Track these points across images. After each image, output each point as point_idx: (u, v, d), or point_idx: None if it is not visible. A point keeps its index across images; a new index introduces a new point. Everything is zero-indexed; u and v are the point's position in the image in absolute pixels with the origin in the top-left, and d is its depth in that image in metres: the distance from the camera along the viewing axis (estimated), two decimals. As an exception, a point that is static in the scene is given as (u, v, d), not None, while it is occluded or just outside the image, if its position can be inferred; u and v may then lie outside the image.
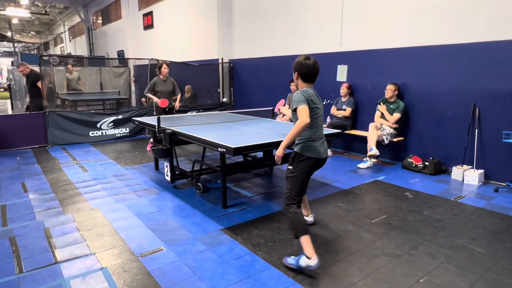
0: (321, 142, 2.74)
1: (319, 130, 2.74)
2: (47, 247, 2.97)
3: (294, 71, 2.72)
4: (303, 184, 2.76)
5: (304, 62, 2.67)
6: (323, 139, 2.78)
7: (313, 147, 2.69)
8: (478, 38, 4.67)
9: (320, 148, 2.72)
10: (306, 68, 2.66)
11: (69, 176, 5.02)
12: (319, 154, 2.71)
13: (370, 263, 2.72)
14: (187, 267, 2.66)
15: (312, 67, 2.67)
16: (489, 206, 3.87)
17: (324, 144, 2.78)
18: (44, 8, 21.05)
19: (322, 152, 2.73)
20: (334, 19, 6.51)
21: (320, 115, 2.74)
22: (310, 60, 2.68)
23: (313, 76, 2.69)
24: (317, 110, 2.68)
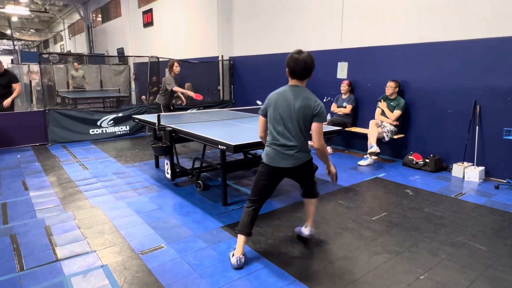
0: (278, 150, 2.50)
1: (275, 135, 2.51)
2: (48, 244, 2.98)
3: (286, 66, 2.53)
4: (259, 187, 2.63)
5: (293, 57, 2.44)
6: (284, 147, 2.49)
7: (267, 152, 2.57)
8: (479, 35, 4.65)
9: (273, 155, 2.51)
10: (293, 63, 2.43)
11: (70, 174, 5.02)
12: (271, 161, 2.53)
13: (370, 260, 2.72)
14: (188, 265, 2.66)
15: (300, 63, 2.41)
16: (490, 203, 3.86)
17: (286, 152, 2.49)
18: (44, 6, 21.00)
19: (274, 159, 2.51)
20: (334, 16, 6.49)
21: (278, 118, 2.47)
22: (299, 54, 2.43)
23: (300, 72, 2.44)
24: (273, 114, 2.49)
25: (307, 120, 2.46)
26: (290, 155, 2.50)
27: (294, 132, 2.47)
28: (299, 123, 2.46)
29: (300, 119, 2.45)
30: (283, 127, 2.47)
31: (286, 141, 2.48)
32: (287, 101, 2.47)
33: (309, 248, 2.91)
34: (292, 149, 2.49)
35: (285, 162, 2.51)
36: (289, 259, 2.73)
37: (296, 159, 2.51)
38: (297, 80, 2.51)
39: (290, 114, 2.45)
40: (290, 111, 2.45)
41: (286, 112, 2.46)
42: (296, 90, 2.49)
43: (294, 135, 2.47)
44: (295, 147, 2.49)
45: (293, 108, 2.44)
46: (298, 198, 4.05)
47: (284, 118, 2.46)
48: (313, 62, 2.47)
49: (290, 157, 2.50)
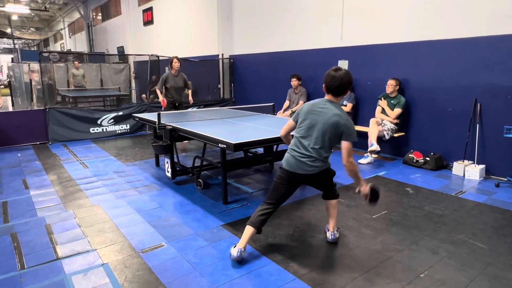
0: (296, 157, 2.60)
1: (298, 143, 2.63)
2: (48, 243, 2.98)
3: (324, 82, 2.64)
4: (276, 191, 2.70)
5: (330, 73, 2.57)
6: (301, 155, 2.59)
7: (287, 158, 2.68)
8: (479, 32, 4.64)
9: (292, 161, 2.62)
10: (330, 79, 2.56)
11: (70, 172, 5.02)
12: (289, 167, 2.63)
13: (371, 258, 2.72)
14: (188, 263, 2.66)
15: (335, 79, 2.53)
16: (490, 201, 3.86)
17: (303, 160, 2.59)
18: (44, 4, 20.97)
19: (291, 164, 2.62)
20: (335, 14, 6.47)
21: (304, 128, 2.60)
22: (336, 72, 2.55)
23: (335, 89, 2.56)
24: (301, 123, 2.63)
25: (334, 136, 2.55)
26: (306, 163, 2.58)
27: (317, 144, 2.56)
28: (324, 137, 2.55)
29: (327, 133, 2.53)
30: (308, 137, 2.58)
31: (305, 151, 2.59)
32: (318, 114, 2.57)
33: (310, 246, 2.91)
34: (310, 158, 2.58)
35: (302, 169, 2.60)
36: (290, 257, 2.73)
37: (312, 167, 2.59)
38: (332, 96, 2.61)
39: (318, 127, 2.55)
40: (319, 124, 2.55)
41: (314, 124, 2.57)
42: (328, 105, 2.57)
43: (315, 147, 2.56)
44: (313, 157, 2.58)
45: (322, 122, 2.54)
46: (298, 196, 4.05)
47: (311, 129, 2.57)
48: (350, 79, 2.58)
49: (307, 165, 2.59)
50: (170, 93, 6.33)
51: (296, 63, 7.35)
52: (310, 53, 7.08)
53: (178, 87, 6.34)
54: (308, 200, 3.94)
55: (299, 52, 7.28)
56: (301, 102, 6.93)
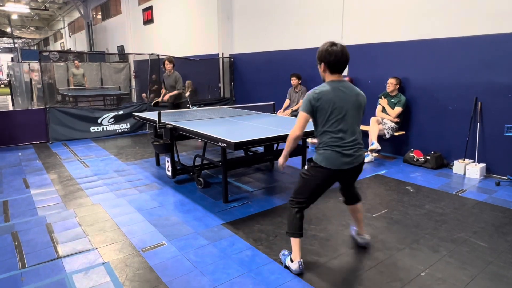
0: (341, 151, 2.34)
1: (337, 135, 2.33)
2: (49, 242, 2.98)
3: (320, 62, 2.38)
4: (311, 191, 2.49)
5: (331, 49, 2.30)
6: (346, 147, 2.35)
7: (327, 155, 2.36)
8: (480, 31, 4.63)
9: (336, 157, 2.35)
10: (334, 56, 2.30)
11: (71, 171, 5.03)
12: (334, 165, 2.36)
13: (371, 257, 2.72)
14: (189, 262, 2.66)
15: (341, 54, 2.30)
16: (491, 200, 3.86)
17: (347, 152, 2.35)
18: (44, 3, 20.95)
19: (339, 162, 2.35)
20: (335, 13, 6.46)
21: (338, 117, 2.31)
22: (337, 46, 2.31)
23: (343, 64, 2.34)
24: (329, 111, 2.30)
25: (361, 113, 2.44)
26: (353, 155, 2.37)
27: (355, 127, 2.39)
28: (358, 117, 2.41)
29: (360, 113, 2.42)
30: (346, 124, 2.34)
31: (348, 142, 2.35)
32: (345, 97, 2.34)
33: (311, 245, 2.91)
34: (354, 147, 2.38)
35: (348, 164, 2.38)
36: (290, 256, 2.73)
37: (357, 157, 2.41)
38: (339, 75, 2.39)
39: (351, 110, 2.35)
40: (350, 107, 2.35)
41: (347, 108, 2.33)
42: (346, 85, 2.39)
43: (355, 130, 2.39)
44: (356, 146, 2.39)
45: (353, 103, 2.36)
46: (299, 195, 4.05)
47: (347, 114, 2.34)
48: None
49: (353, 157, 2.38)
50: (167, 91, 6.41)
51: (296, 62, 7.34)
52: (310, 52, 7.06)
53: (169, 86, 6.40)
54: (308, 199, 3.94)
55: (299, 51, 7.27)
56: (301, 101, 6.92)
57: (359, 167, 2.49)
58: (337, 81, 2.38)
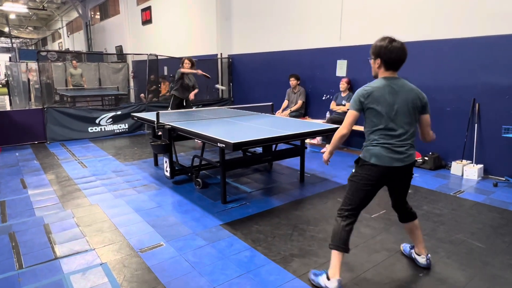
0: (390, 147, 2.23)
1: (387, 132, 2.23)
2: (46, 242, 2.97)
3: (376, 57, 2.29)
4: (362, 196, 2.30)
5: (392, 47, 2.22)
6: (396, 144, 2.23)
7: (376, 152, 2.25)
8: (478, 32, 4.65)
9: (386, 153, 2.23)
10: (396, 54, 2.22)
11: (68, 172, 5.01)
12: (384, 161, 2.23)
13: (370, 258, 2.72)
14: (187, 262, 2.66)
15: (402, 52, 2.23)
16: (489, 201, 3.87)
17: (399, 149, 2.23)
18: (42, 3, 20.90)
19: (389, 159, 2.23)
20: (333, 14, 6.47)
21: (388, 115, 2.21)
22: (397, 42, 2.25)
23: (402, 62, 2.26)
24: (379, 108, 2.21)
25: (417, 112, 2.29)
26: (402, 152, 2.24)
27: (407, 126, 2.25)
28: (410, 116, 2.25)
29: (414, 111, 2.27)
30: (396, 122, 2.23)
31: (400, 136, 2.24)
32: (397, 94, 2.23)
33: (309, 246, 2.91)
34: (405, 145, 2.25)
35: (398, 161, 2.24)
36: (289, 257, 2.73)
37: (408, 156, 2.27)
38: (393, 72, 2.29)
39: (402, 108, 2.23)
40: (402, 104, 2.23)
41: (398, 106, 2.22)
42: (399, 82, 2.28)
43: (407, 129, 2.25)
44: (409, 143, 2.27)
45: (405, 101, 2.23)
46: (298, 196, 4.05)
47: (398, 112, 2.22)
48: None
49: (403, 154, 2.25)
50: (183, 89, 6.29)
51: (295, 63, 7.35)
52: (308, 52, 7.08)
53: (189, 86, 6.34)
54: (307, 199, 3.94)
55: (298, 51, 7.28)
56: (299, 101, 6.94)
57: (410, 168, 2.33)
58: (391, 78, 2.29)
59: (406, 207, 2.56)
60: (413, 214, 2.56)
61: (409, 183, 2.47)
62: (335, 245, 2.30)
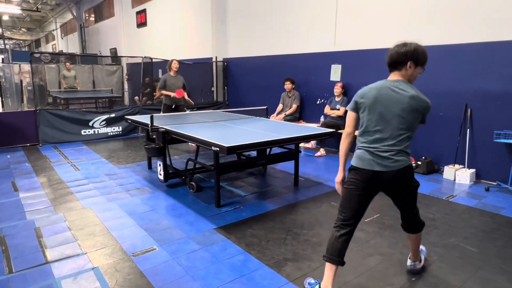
0: (374, 151, 2.16)
1: (372, 136, 2.18)
2: (37, 246, 2.93)
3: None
4: (350, 201, 2.22)
5: (390, 49, 2.34)
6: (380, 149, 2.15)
7: (359, 154, 2.22)
8: (470, 39, 4.71)
9: (368, 156, 2.17)
10: (389, 55, 2.34)
11: (61, 175, 4.96)
12: (365, 164, 2.16)
13: (363, 262, 2.72)
14: (180, 267, 2.64)
15: (395, 53, 2.33)
16: (480, 205, 3.91)
17: (383, 154, 2.14)
18: (36, 4, 20.76)
19: (371, 162, 2.15)
20: (328, 19, 6.52)
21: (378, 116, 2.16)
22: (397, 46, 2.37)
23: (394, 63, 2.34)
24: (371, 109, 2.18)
25: (415, 119, 2.18)
26: (387, 157, 2.13)
27: (398, 131, 2.15)
28: (406, 122, 2.15)
29: (411, 117, 2.15)
30: (387, 126, 2.15)
31: (387, 141, 2.15)
32: (394, 97, 2.17)
33: (303, 250, 2.90)
34: (392, 150, 2.14)
35: (381, 166, 2.14)
36: (283, 261, 2.72)
37: (396, 162, 2.13)
38: (396, 73, 2.29)
39: (398, 112, 2.14)
40: (398, 108, 2.15)
41: (393, 109, 2.15)
42: (401, 85, 2.23)
43: (397, 134, 2.14)
44: (398, 149, 2.15)
45: (402, 105, 2.15)
46: (292, 199, 4.05)
47: (391, 116, 2.15)
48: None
49: (388, 160, 2.13)
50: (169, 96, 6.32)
51: (290, 67, 7.38)
52: (303, 57, 7.11)
53: (176, 87, 6.34)
54: (301, 203, 3.94)
55: (293, 56, 7.31)
56: (294, 105, 6.96)
57: (401, 176, 2.17)
58: (392, 80, 2.27)
59: (412, 218, 2.43)
60: (415, 227, 2.45)
61: (409, 194, 2.32)
62: (328, 257, 2.24)
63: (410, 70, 2.27)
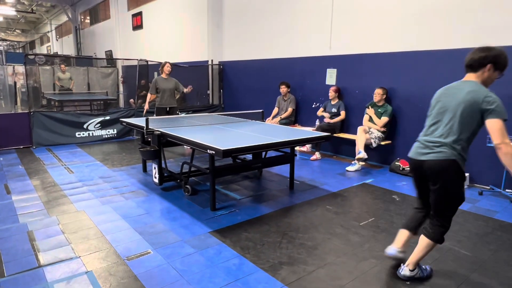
0: (422, 141, 2.41)
1: (425, 129, 2.45)
2: (30, 250, 2.90)
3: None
4: (414, 187, 2.59)
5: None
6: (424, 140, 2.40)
7: (414, 144, 2.51)
8: (465, 44, 4.76)
9: (416, 146, 2.45)
10: (466, 60, 2.42)
11: (54, 177, 4.91)
12: (412, 152, 2.47)
13: (358, 266, 2.73)
14: (175, 270, 2.62)
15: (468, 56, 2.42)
16: (474, 209, 3.94)
17: (427, 144, 2.35)
18: (31, 6, 20.66)
19: (416, 151, 2.43)
20: (323, 23, 6.56)
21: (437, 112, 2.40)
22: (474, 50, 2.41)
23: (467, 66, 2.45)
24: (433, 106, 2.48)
25: (473, 115, 2.21)
26: (429, 147, 2.34)
27: (451, 126, 2.26)
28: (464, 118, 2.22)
29: (469, 114, 2.21)
30: (442, 121, 2.33)
31: (437, 133, 2.33)
32: (453, 94, 2.34)
33: (298, 253, 2.90)
34: (437, 142, 2.30)
35: (420, 155, 2.37)
36: (278, 265, 2.72)
37: (432, 153, 2.29)
38: (469, 75, 2.42)
39: (455, 107, 2.27)
40: (455, 104, 2.28)
41: (451, 106, 2.30)
42: (464, 84, 2.36)
43: (446, 128, 2.28)
44: (443, 142, 2.27)
45: (459, 100, 2.26)
46: (287, 203, 4.05)
47: (447, 111, 2.31)
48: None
49: (427, 149, 2.34)
50: (163, 97, 6.31)
51: (285, 71, 7.41)
52: (299, 61, 7.15)
53: (169, 89, 6.33)
54: (296, 206, 3.94)
55: (288, 59, 7.34)
56: (289, 109, 6.98)
57: (433, 168, 2.28)
58: (462, 80, 2.43)
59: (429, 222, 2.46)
60: (425, 232, 2.45)
61: (434, 188, 2.33)
62: (403, 223, 2.65)
63: (487, 73, 2.31)
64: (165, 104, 6.35)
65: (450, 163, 2.26)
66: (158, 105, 6.37)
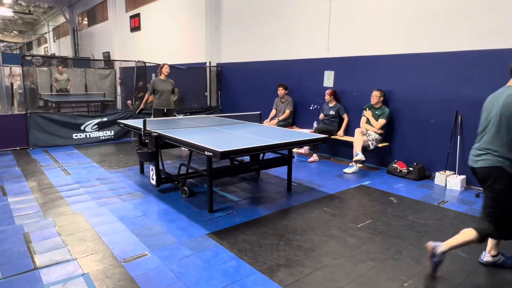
0: (474, 148, 2.51)
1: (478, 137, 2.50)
2: (26, 252, 2.88)
3: None
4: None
5: None
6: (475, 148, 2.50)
7: None
8: (462, 47, 4.79)
9: (471, 154, 2.54)
10: None
11: (51, 179, 4.89)
12: (469, 161, 2.55)
13: (355, 268, 2.73)
14: (172, 273, 2.61)
15: None
16: (471, 211, 3.95)
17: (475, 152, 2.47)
18: (28, 7, 20.62)
19: (469, 159, 2.54)
20: (321, 26, 6.58)
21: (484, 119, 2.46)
22: None
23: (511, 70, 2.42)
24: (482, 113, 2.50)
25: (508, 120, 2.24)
26: (476, 155, 2.45)
27: (491, 132, 2.34)
28: (502, 124, 2.26)
29: (507, 119, 2.24)
30: (486, 128, 2.39)
31: (482, 140, 2.43)
32: (496, 100, 2.35)
33: (295, 256, 2.90)
34: (482, 150, 2.40)
35: (472, 162, 2.50)
36: (275, 267, 2.71)
37: (478, 161, 2.42)
38: None
39: (498, 113, 2.30)
40: (496, 110, 2.31)
41: (494, 112, 2.34)
42: (507, 89, 2.34)
43: (490, 135, 2.35)
44: (488, 149, 2.36)
45: (499, 106, 2.29)
46: (285, 205, 4.05)
47: (492, 118, 2.35)
48: None
49: (475, 157, 2.46)
50: (161, 98, 6.30)
51: (283, 73, 7.42)
52: (296, 63, 7.16)
53: (166, 91, 6.34)
54: (294, 208, 3.94)
55: (286, 61, 7.36)
56: (287, 111, 6.99)
57: (482, 174, 2.40)
58: (506, 86, 2.40)
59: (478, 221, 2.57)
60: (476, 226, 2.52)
61: (486, 193, 2.44)
62: None
63: None
64: (162, 106, 6.34)
65: (493, 169, 2.32)
66: (155, 106, 6.37)
